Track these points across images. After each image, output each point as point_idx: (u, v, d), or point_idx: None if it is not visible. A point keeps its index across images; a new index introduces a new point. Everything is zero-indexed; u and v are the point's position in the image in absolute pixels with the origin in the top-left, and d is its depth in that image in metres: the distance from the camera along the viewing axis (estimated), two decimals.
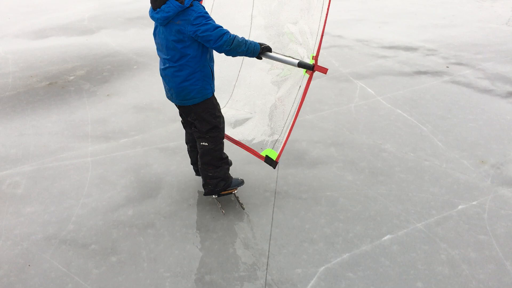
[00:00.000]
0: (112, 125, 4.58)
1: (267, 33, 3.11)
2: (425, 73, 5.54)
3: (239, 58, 3.35)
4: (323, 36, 2.77)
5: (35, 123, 4.67)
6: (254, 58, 3.00)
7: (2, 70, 6.16)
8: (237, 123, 3.44)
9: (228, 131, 3.41)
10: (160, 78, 3.12)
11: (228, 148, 3.40)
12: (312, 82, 2.90)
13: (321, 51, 6.37)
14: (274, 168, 3.18)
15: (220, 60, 3.34)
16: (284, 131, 3.01)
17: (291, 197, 3.38)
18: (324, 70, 2.76)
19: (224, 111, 3.37)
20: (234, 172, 3.61)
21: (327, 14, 2.69)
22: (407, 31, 7.16)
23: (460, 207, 3.19)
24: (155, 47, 2.97)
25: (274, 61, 3.02)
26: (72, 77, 5.82)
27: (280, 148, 3.01)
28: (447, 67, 5.68)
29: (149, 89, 5.35)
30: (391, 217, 3.11)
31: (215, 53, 3.00)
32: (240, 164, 3.80)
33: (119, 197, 3.46)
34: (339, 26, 7.55)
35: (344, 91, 5.14)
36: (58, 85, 5.60)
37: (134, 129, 4.49)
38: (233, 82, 3.49)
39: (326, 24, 2.74)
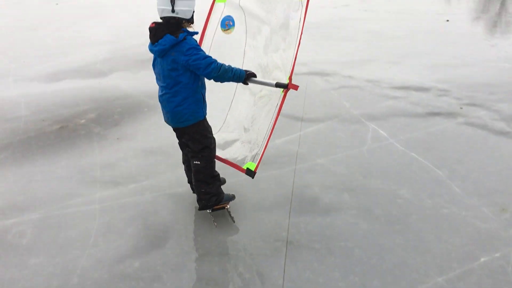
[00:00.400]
0: (121, 170, 4.52)
1: (256, 63, 3.61)
2: (438, 114, 5.46)
3: (231, 90, 3.85)
4: (296, 60, 3.23)
5: (44, 168, 4.63)
6: (246, 87, 3.60)
7: (15, 114, 6.21)
8: (226, 144, 3.85)
9: (218, 152, 3.76)
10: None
11: (238, 189, 3.30)
12: (322, 124, 2.94)
13: (332, 91, 6.39)
14: (253, 178, 3.48)
15: (215, 91, 3.78)
16: (262, 145, 3.42)
17: (303, 247, 3.25)
18: (295, 87, 3.17)
19: (216, 136, 3.74)
20: (244, 219, 3.50)
21: (299, 40, 3.17)
22: (418, 71, 7.12)
23: (482, 259, 3.03)
24: None
25: (262, 90, 3.57)
26: (83, 121, 5.84)
27: (258, 160, 3.41)
28: (461, 108, 5.60)
29: (159, 132, 5.32)
30: (410, 270, 2.96)
31: (212, 85, 3.45)
32: (249, 211, 3.70)
33: (126, 246, 3.36)
34: (348, 66, 7.56)
35: (356, 133, 5.06)
36: (69, 128, 5.61)
37: (143, 173, 4.43)
38: (226, 111, 3.94)
39: (298, 49, 3.19)
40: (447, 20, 10.48)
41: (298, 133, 5.13)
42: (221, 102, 3.95)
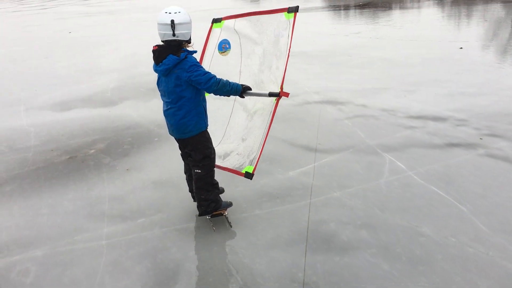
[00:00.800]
0: (130, 203, 4.38)
1: (251, 80, 3.97)
2: (457, 145, 5.28)
3: (229, 107, 4.28)
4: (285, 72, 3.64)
5: (52, 201, 4.51)
6: (240, 104, 4.13)
7: (24, 144, 6.15)
8: (226, 155, 4.16)
9: (219, 162, 4.07)
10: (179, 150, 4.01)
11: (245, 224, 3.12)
12: (337, 155, 3.18)
13: (345, 121, 6.25)
14: (251, 179, 3.82)
15: (214, 109, 4.18)
16: (258, 149, 3.76)
17: None
18: (286, 94, 3.58)
19: (217, 148, 4.11)
20: (258, 257, 3.33)
21: (288, 53, 3.57)
22: (434, 100, 6.97)
23: None
24: None
25: (256, 104, 3.98)
26: (92, 151, 5.74)
27: (255, 163, 3.76)
28: (481, 139, 5.41)
29: (169, 163, 5.20)
30: None
31: (211, 104, 3.92)
32: (263, 249, 3.53)
33: (134, 287, 3.19)
34: (362, 95, 7.44)
35: (372, 165, 4.89)
36: (78, 159, 5.51)
37: (153, 207, 4.28)
38: (225, 125, 4.30)
39: (288, 61, 3.60)
40: (461, 48, 10.37)
41: (312, 165, 4.97)
42: (220, 118, 4.32)
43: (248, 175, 3.79)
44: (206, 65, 4.17)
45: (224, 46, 4.13)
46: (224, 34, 4.15)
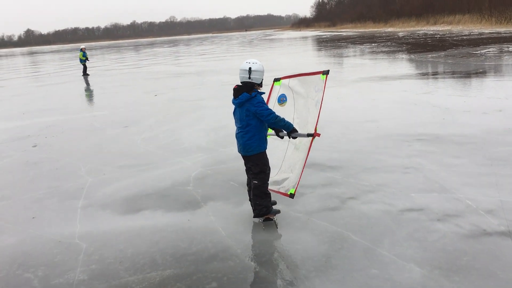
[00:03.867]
0: None
1: (298, 124, 5.27)
2: None
3: (285, 144, 5.54)
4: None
5: None
6: (294, 141, 5.34)
7: (68, 265, 4.23)
8: (282, 181, 5.44)
9: (275, 187, 5.37)
10: None
11: None
12: None
13: None
14: (293, 198, 5.21)
15: (273, 147, 5.42)
16: (298, 175, 5.16)
17: None
18: (318, 135, 4.86)
19: (277, 176, 5.49)
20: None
21: (321, 104, 4.96)
22: None
23: None
24: None
25: (300, 143, 5.33)
26: None
27: (296, 185, 5.14)
28: None
29: None
30: None
31: (272, 145, 5.31)
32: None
33: None
34: None
35: None
36: None
37: None
38: (281, 160, 5.57)
39: (321, 109, 4.94)
40: None
41: None
42: (278, 154, 5.54)
43: (292, 196, 5.17)
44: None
45: (282, 99, 5.32)
46: (282, 90, 5.34)
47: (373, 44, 41.02)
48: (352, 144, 8.35)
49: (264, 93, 4.87)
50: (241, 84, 4.81)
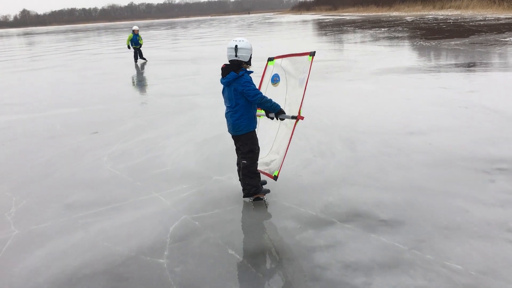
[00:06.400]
0: None
1: (283, 100, 5.20)
2: None
3: (276, 125, 5.37)
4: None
5: None
6: (285, 121, 5.10)
7: None
8: (268, 163, 5.29)
9: (262, 167, 5.21)
10: None
11: None
12: None
13: None
14: (276, 180, 5.06)
15: (266, 130, 5.49)
16: (281, 157, 5.04)
17: None
18: (302, 118, 4.72)
19: (266, 158, 5.34)
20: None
21: (306, 86, 4.73)
22: None
23: None
24: None
25: (288, 123, 5.12)
26: None
27: (279, 168, 5.02)
28: None
29: None
30: None
31: (270, 131, 5.47)
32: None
33: None
34: None
35: None
36: None
37: None
38: (273, 139, 5.47)
39: (305, 92, 4.72)
40: None
41: None
42: (270, 134, 5.49)
43: (275, 178, 5.01)
44: (262, 93, 4.97)
45: (275, 79, 5.34)
46: (275, 69, 5.35)
47: (382, 29, 38.15)
48: (405, 176, 5.80)
49: (252, 72, 4.88)
50: (229, 63, 4.84)
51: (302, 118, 4.71)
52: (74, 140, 8.51)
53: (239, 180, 5.24)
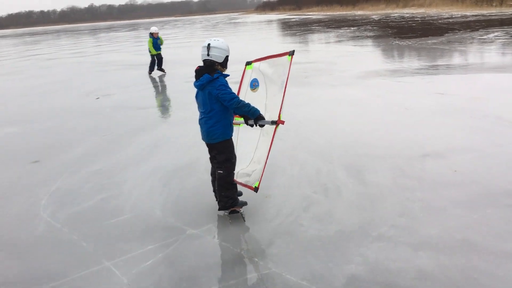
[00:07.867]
0: None
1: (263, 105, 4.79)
2: None
3: (257, 133, 4.89)
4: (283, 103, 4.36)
5: None
6: (265, 128, 4.70)
7: None
8: (250, 174, 4.84)
9: (244, 179, 4.82)
10: None
11: None
12: None
13: None
14: (256, 192, 4.64)
15: (246, 137, 5.08)
16: (261, 168, 4.67)
17: None
18: (282, 122, 4.38)
19: (247, 169, 4.91)
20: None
21: (285, 89, 4.40)
22: None
23: None
24: None
25: (268, 130, 4.71)
26: None
27: (259, 179, 4.65)
28: None
29: None
30: None
31: (250, 140, 4.96)
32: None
33: None
34: None
35: None
36: None
37: None
38: (254, 148, 4.95)
39: (285, 95, 4.39)
40: None
41: None
42: (251, 143, 4.99)
43: (256, 189, 4.63)
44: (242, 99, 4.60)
45: (254, 84, 4.96)
46: (254, 74, 4.98)
47: (352, 28, 37.26)
48: (442, 223, 4.39)
49: (228, 75, 4.49)
50: (203, 65, 4.51)
51: (283, 122, 4.42)
52: (6, 173, 6.74)
53: (213, 191, 4.90)
